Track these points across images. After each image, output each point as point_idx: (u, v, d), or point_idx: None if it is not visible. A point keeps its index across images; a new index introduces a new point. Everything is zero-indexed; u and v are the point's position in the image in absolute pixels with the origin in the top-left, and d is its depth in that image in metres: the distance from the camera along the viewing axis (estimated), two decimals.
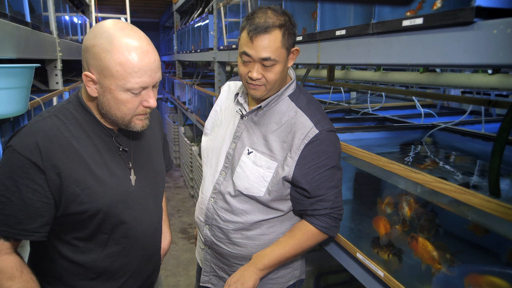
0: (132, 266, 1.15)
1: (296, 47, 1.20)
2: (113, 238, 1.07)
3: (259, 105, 1.27)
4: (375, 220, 1.38)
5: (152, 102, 0.99)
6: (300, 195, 1.24)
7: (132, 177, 1.10)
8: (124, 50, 0.91)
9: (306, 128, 1.20)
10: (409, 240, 1.23)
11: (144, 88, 0.97)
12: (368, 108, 2.74)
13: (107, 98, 0.96)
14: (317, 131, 1.20)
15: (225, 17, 3.26)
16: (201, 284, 1.45)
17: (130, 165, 1.11)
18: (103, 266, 1.08)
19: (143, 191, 1.13)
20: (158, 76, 0.99)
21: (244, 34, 1.15)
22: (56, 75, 2.98)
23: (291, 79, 1.30)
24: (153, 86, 1.00)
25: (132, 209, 1.09)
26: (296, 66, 3.75)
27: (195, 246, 1.58)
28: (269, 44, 1.12)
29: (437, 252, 1.13)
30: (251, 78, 1.18)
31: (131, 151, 1.12)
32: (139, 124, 1.03)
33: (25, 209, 0.93)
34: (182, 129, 6.10)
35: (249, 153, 1.26)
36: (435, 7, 1.00)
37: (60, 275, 1.07)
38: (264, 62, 1.14)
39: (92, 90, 0.97)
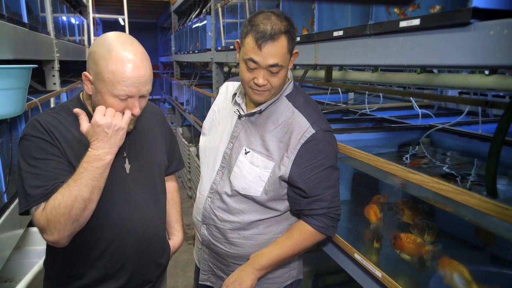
0: (129, 254, 1.19)
1: (296, 49, 1.21)
2: (108, 222, 1.14)
3: (259, 109, 1.27)
4: (366, 209, 1.43)
5: (136, 111, 1.09)
6: (297, 195, 1.24)
7: (127, 166, 1.20)
8: (118, 61, 1.02)
9: (302, 128, 1.21)
10: (393, 241, 1.26)
11: (130, 97, 1.07)
12: (365, 109, 2.74)
13: (98, 98, 1.08)
14: (313, 131, 1.20)
15: (223, 18, 3.27)
16: (200, 282, 1.45)
17: (125, 154, 1.19)
18: (100, 248, 1.15)
19: (137, 179, 1.21)
20: (145, 88, 1.08)
21: (249, 41, 1.14)
22: (54, 76, 2.97)
23: (289, 80, 1.31)
24: (141, 96, 1.10)
25: (126, 195, 1.17)
26: (294, 67, 3.75)
27: (193, 246, 1.58)
28: (277, 51, 1.13)
29: (420, 237, 1.20)
30: (257, 84, 1.18)
31: (126, 142, 1.20)
32: None
33: (55, 177, 1.04)
34: (180, 130, 6.10)
35: (246, 153, 1.27)
36: (432, 11, 1.00)
37: (65, 258, 1.15)
38: (271, 68, 1.15)
39: (88, 88, 1.10)
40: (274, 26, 1.11)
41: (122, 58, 1.02)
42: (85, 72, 1.08)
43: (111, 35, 1.07)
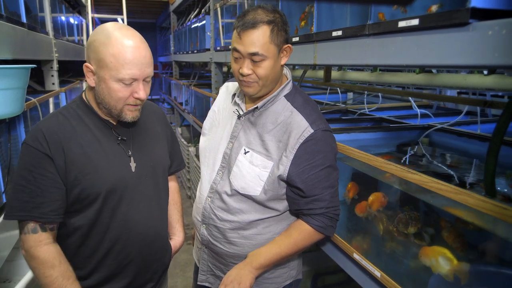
0: (133, 253, 1.19)
1: (289, 44, 1.21)
2: (113, 222, 1.15)
3: (255, 106, 1.27)
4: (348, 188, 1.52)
5: (142, 94, 1.09)
6: (295, 194, 1.24)
7: (132, 164, 1.20)
8: (118, 44, 1.03)
9: (301, 128, 1.21)
10: (357, 203, 1.47)
11: (134, 80, 1.07)
12: (364, 109, 2.75)
13: (102, 87, 1.07)
14: (312, 131, 1.20)
15: (222, 17, 3.27)
16: (198, 283, 1.45)
17: (130, 153, 1.20)
18: (106, 248, 1.16)
19: (142, 177, 1.21)
20: (148, 71, 1.09)
21: (234, 32, 1.18)
22: (52, 76, 2.96)
23: (287, 80, 1.31)
24: (144, 80, 1.09)
25: (131, 194, 1.18)
26: (293, 67, 3.75)
27: (193, 246, 1.58)
28: (257, 39, 1.14)
29: (369, 205, 1.40)
30: (242, 75, 1.19)
31: (130, 141, 1.21)
32: (129, 114, 1.13)
33: (41, 194, 1.05)
34: (179, 130, 6.10)
35: (245, 153, 1.27)
36: (429, 12, 1.00)
37: (72, 259, 1.15)
38: (253, 57, 1.16)
39: (91, 80, 1.09)
40: (256, 16, 1.14)
41: (123, 40, 1.03)
42: (86, 63, 1.07)
43: (109, 24, 1.08)
